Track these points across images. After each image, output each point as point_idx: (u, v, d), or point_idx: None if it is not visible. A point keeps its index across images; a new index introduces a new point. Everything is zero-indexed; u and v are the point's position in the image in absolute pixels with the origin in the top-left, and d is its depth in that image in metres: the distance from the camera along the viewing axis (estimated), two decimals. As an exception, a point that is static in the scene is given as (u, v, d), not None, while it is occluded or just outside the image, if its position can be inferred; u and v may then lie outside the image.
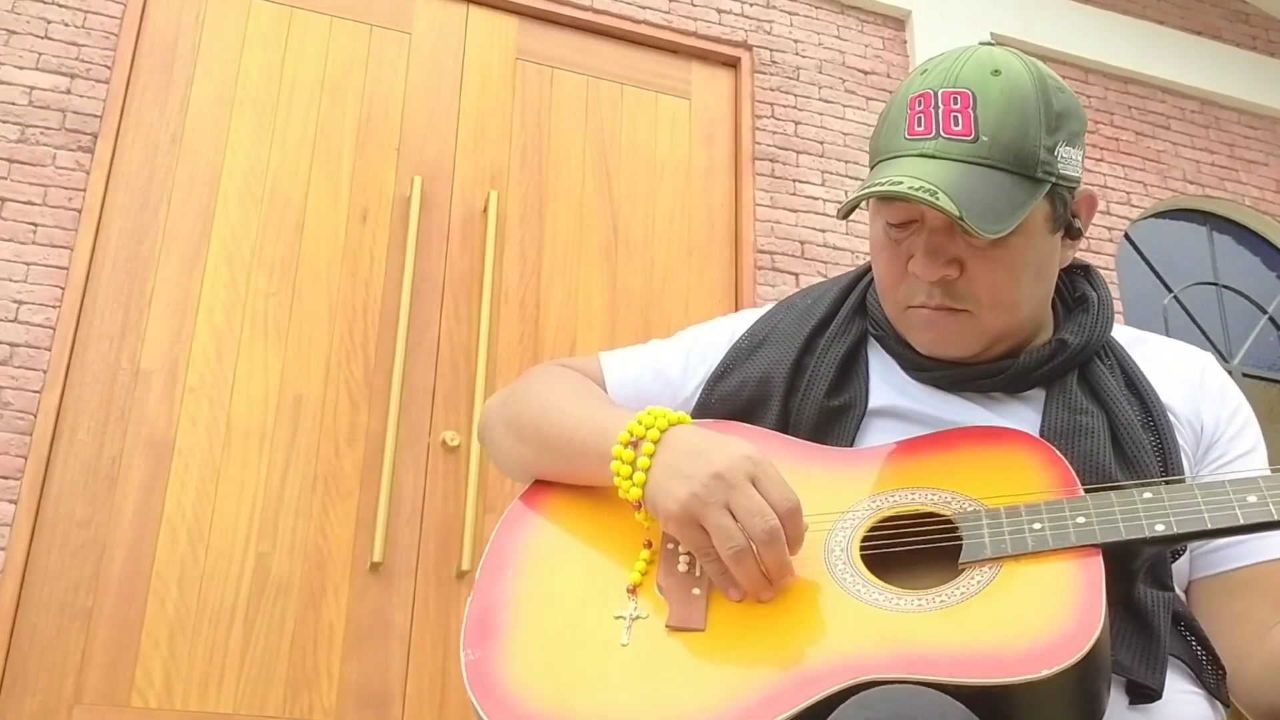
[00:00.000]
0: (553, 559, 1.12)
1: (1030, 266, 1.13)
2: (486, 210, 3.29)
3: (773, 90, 3.79)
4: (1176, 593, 1.12)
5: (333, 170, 3.22)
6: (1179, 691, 1.07)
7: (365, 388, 3.03)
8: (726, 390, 1.25)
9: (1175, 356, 1.25)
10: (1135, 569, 1.04)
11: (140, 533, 2.74)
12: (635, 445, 1.08)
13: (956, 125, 1.09)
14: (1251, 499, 0.96)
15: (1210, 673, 1.10)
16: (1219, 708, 1.10)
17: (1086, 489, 1.03)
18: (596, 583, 1.08)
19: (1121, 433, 1.13)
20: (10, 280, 2.82)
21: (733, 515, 1.01)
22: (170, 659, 2.67)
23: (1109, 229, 4.07)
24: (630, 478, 1.07)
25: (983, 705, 0.85)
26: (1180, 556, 1.14)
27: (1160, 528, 0.97)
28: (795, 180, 3.69)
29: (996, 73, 1.11)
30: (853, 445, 1.18)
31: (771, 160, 3.68)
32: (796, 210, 3.65)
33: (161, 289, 2.96)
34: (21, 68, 3.01)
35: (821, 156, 3.76)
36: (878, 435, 1.18)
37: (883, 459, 1.13)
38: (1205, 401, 1.20)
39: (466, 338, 3.17)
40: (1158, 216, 4.32)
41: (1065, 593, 0.94)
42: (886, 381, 1.22)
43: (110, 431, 2.80)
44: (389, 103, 3.34)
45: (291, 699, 2.72)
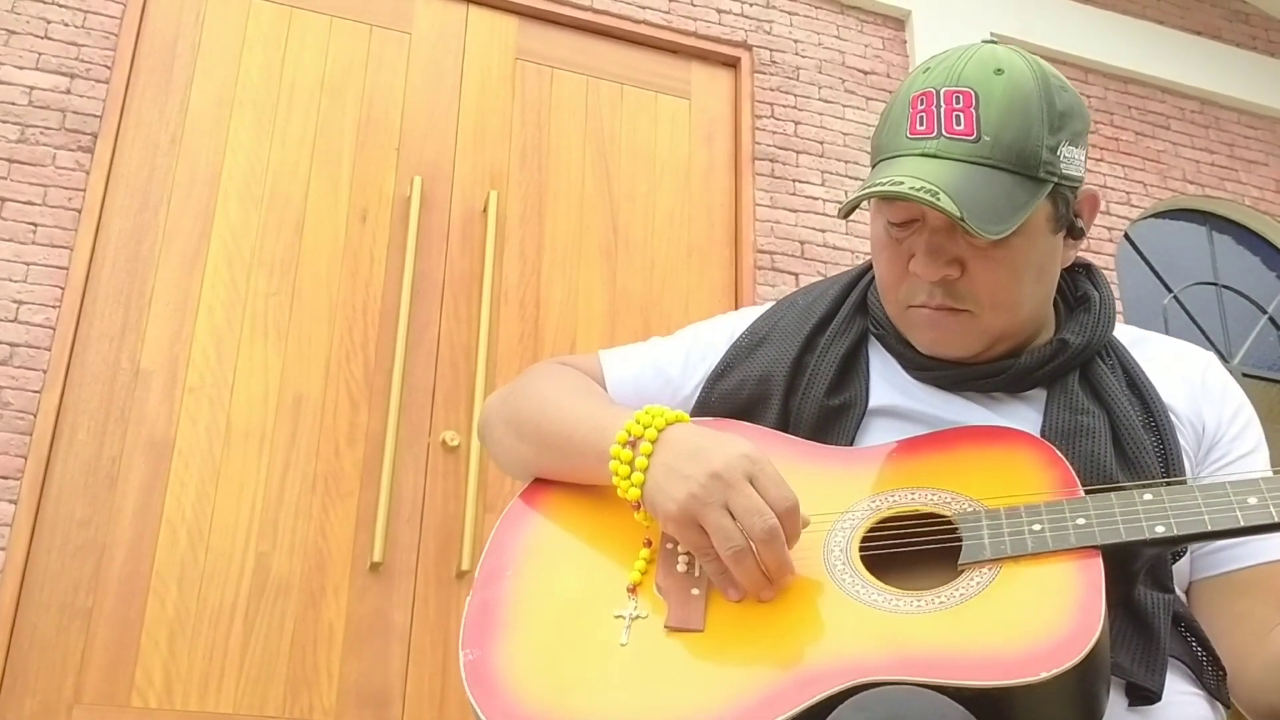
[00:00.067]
0: (552, 558, 1.12)
1: (1032, 267, 1.13)
2: (486, 210, 3.29)
3: (772, 90, 3.78)
4: (1177, 594, 1.11)
5: (333, 170, 3.22)
6: (1179, 693, 1.07)
7: (365, 388, 3.03)
8: (726, 389, 1.24)
9: (1177, 356, 1.24)
10: (1135, 570, 1.04)
11: (140, 533, 2.74)
12: (633, 445, 1.08)
13: (958, 125, 1.09)
14: (1252, 501, 0.96)
15: (1210, 674, 1.10)
16: (1219, 709, 1.10)
17: (1087, 490, 1.03)
18: (596, 582, 1.08)
19: (1123, 433, 1.12)
20: (10, 280, 2.81)
21: (731, 515, 1.00)
22: (170, 659, 2.67)
23: (1109, 229, 4.07)
24: (629, 477, 1.07)
25: (982, 707, 0.85)
26: (1181, 558, 1.14)
27: (1160, 529, 0.97)
28: (795, 180, 3.69)
29: (999, 72, 1.10)
30: (853, 444, 1.18)
31: (771, 160, 3.68)
32: (796, 210, 3.65)
33: (161, 289, 2.96)
34: (21, 68, 3.01)
35: (821, 156, 3.76)
36: (878, 434, 1.18)
37: (883, 458, 1.13)
38: (1207, 401, 1.20)
39: (466, 338, 3.17)
40: (1157, 216, 4.32)
41: (1065, 594, 0.94)
42: (887, 381, 1.22)
43: (110, 431, 2.80)
44: (389, 103, 3.34)
45: (291, 699, 2.72)
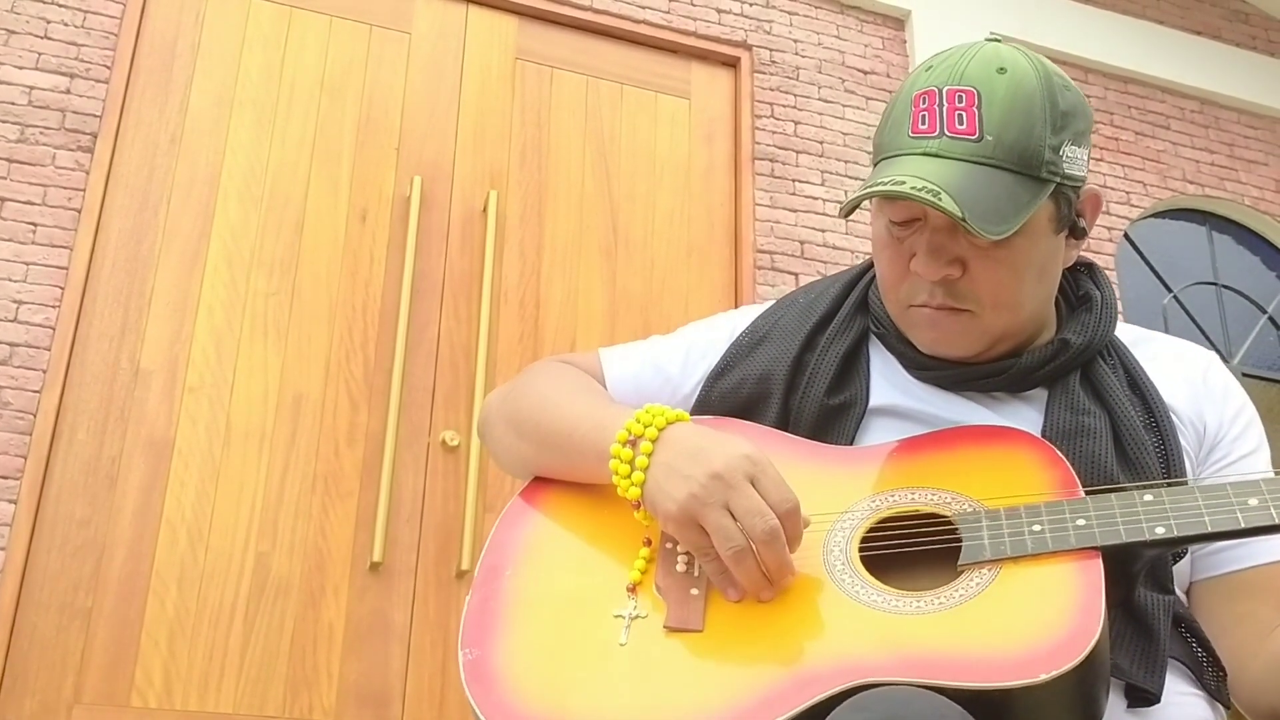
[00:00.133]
0: (552, 557, 1.12)
1: (1033, 267, 1.13)
2: (486, 210, 3.29)
3: (772, 90, 3.78)
4: (1177, 595, 1.11)
5: (332, 170, 3.22)
6: (1179, 693, 1.07)
7: (365, 387, 3.03)
8: (726, 387, 1.24)
9: (1178, 356, 1.24)
10: (1135, 571, 1.04)
11: (140, 533, 2.74)
12: (633, 444, 1.08)
13: (961, 124, 1.08)
14: (1253, 502, 0.96)
15: (1211, 674, 1.09)
16: (1219, 709, 1.10)
17: (1087, 490, 1.03)
18: (596, 581, 1.08)
19: (1124, 433, 1.12)
20: (10, 280, 2.81)
21: (732, 515, 1.00)
22: (170, 659, 2.67)
23: (1109, 229, 4.07)
24: (629, 477, 1.07)
25: (981, 708, 0.85)
26: (1181, 559, 1.13)
27: (1160, 530, 0.97)
28: (795, 180, 3.69)
29: (1002, 70, 1.10)
30: (853, 444, 1.17)
31: (771, 160, 3.68)
32: (796, 210, 3.65)
33: (161, 289, 2.96)
34: (21, 67, 3.01)
35: (821, 156, 3.76)
36: (878, 434, 1.18)
37: (883, 458, 1.13)
38: (1208, 401, 1.19)
39: (466, 337, 3.17)
40: (1157, 216, 4.32)
41: (1064, 596, 0.94)
42: (887, 380, 1.21)
43: (110, 431, 2.80)
44: (389, 102, 3.34)
45: (291, 699, 2.72)
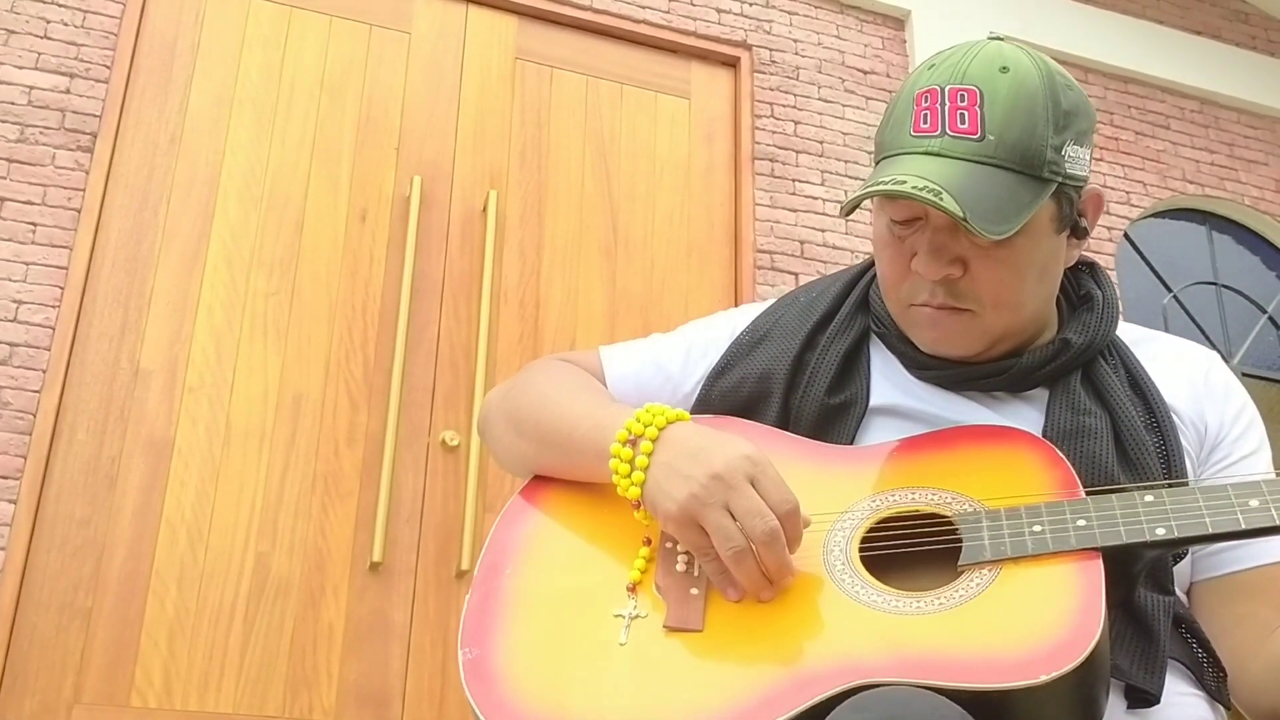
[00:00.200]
0: (552, 556, 1.12)
1: (1035, 266, 1.12)
2: (486, 210, 3.29)
3: (772, 90, 3.78)
4: (1177, 595, 1.11)
5: (332, 170, 3.22)
6: (1179, 694, 1.07)
7: (365, 387, 3.03)
8: (727, 386, 1.24)
9: (1179, 355, 1.24)
10: (1136, 572, 1.03)
11: (140, 532, 2.74)
12: (634, 444, 1.07)
13: (963, 123, 1.08)
14: (1254, 503, 0.96)
15: (1211, 675, 1.09)
16: (1220, 710, 1.10)
17: (1088, 491, 1.03)
18: (596, 580, 1.08)
19: (1125, 434, 1.12)
20: (10, 280, 2.81)
21: (732, 516, 1.00)
22: (170, 659, 2.66)
23: (1108, 229, 4.07)
24: (629, 476, 1.07)
25: (980, 709, 0.85)
26: (1182, 560, 1.13)
27: (1161, 531, 0.97)
28: (795, 180, 3.69)
29: (1005, 70, 1.09)
30: (853, 443, 1.17)
31: (771, 160, 3.68)
32: (796, 210, 3.65)
33: (161, 289, 2.95)
34: (21, 67, 3.01)
35: (821, 156, 3.76)
36: (879, 433, 1.18)
37: (883, 458, 1.13)
38: (1210, 401, 1.19)
39: (466, 337, 3.17)
40: (1157, 216, 4.32)
41: (1065, 597, 0.93)
42: (888, 379, 1.21)
43: (110, 431, 2.80)
44: (388, 102, 3.34)
45: (291, 699, 2.72)
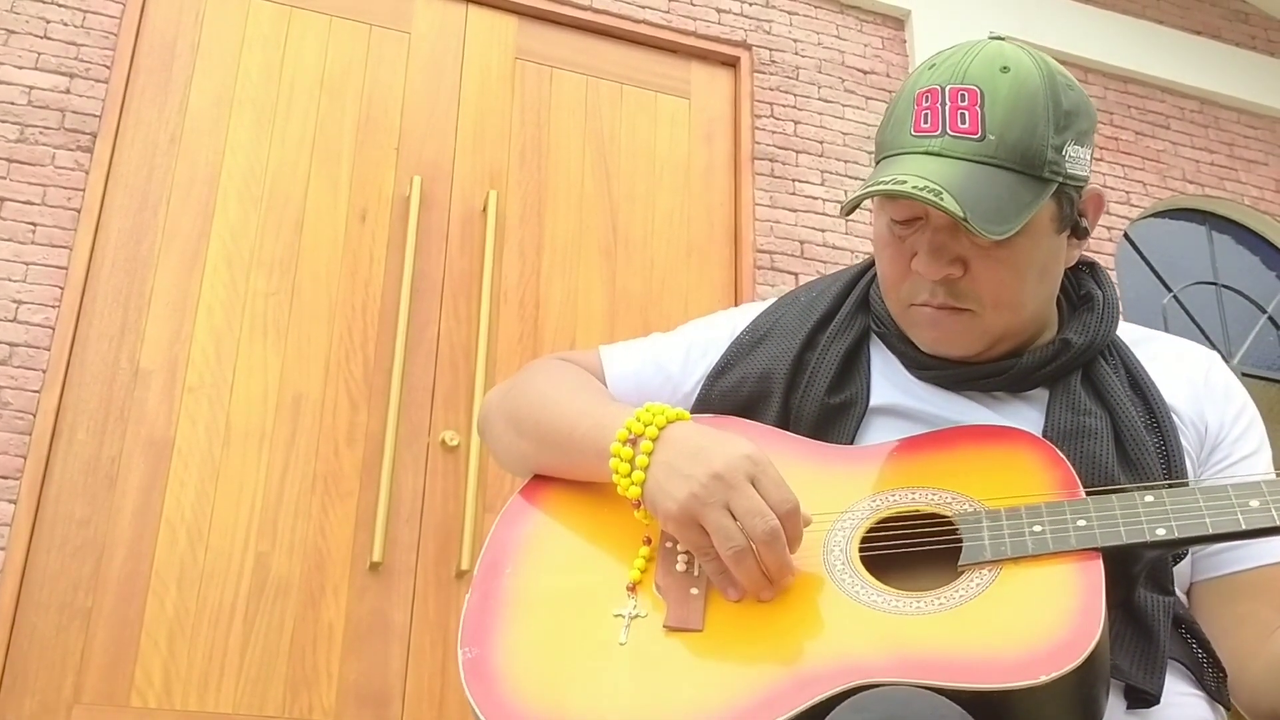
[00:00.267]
0: (552, 555, 1.12)
1: (1035, 267, 1.12)
2: (486, 210, 3.29)
3: (772, 90, 3.78)
4: (1178, 596, 1.11)
5: (332, 170, 3.22)
6: (1179, 694, 1.07)
7: (365, 387, 3.03)
8: (727, 386, 1.24)
9: (1179, 355, 1.24)
10: (1136, 573, 1.03)
11: (140, 532, 2.74)
12: (634, 443, 1.07)
13: (963, 123, 1.08)
14: (1254, 504, 0.96)
15: (1210, 675, 1.09)
16: (1220, 710, 1.10)
17: (1088, 491, 1.03)
18: (596, 580, 1.08)
19: (1125, 434, 1.12)
20: (9, 280, 2.81)
21: (732, 515, 1.00)
22: (170, 659, 2.66)
23: (1108, 228, 4.07)
24: (629, 476, 1.07)
25: (980, 709, 0.85)
26: (1182, 560, 1.13)
27: (1161, 532, 0.97)
28: (795, 180, 3.69)
29: (1005, 69, 1.09)
30: (853, 443, 1.17)
31: (771, 160, 3.68)
32: (796, 210, 3.65)
33: (161, 289, 2.95)
34: (21, 67, 3.01)
35: (821, 156, 3.76)
36: (879, 433, 1.18)
37: (883, 458, 1.13)
38: (1210, 402, 1.19)
39: (466, 337, 3.17)
40: (1157, 216, 4.32)
41: (1065, 597, 0.93)
42: (888, 379, 1.21)
43: (110, 431, 2.80)
44: (388, 102, 3.34)
45: (291, 699, 2.72)
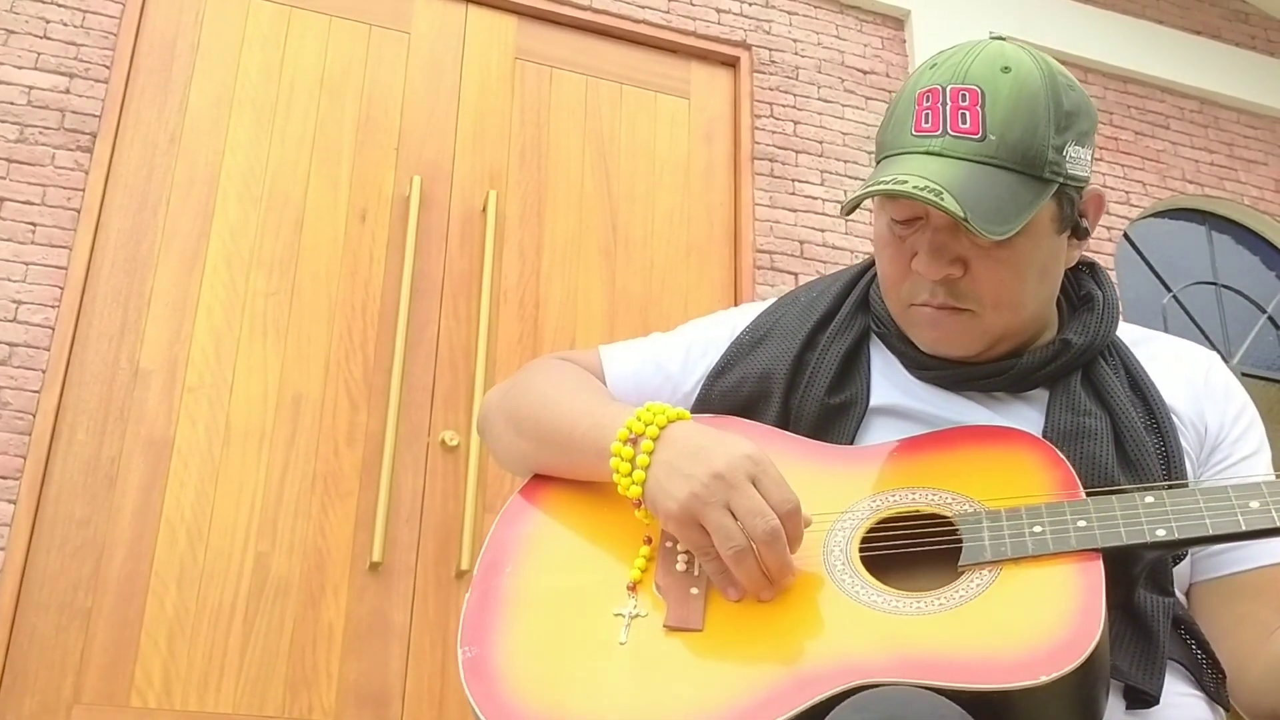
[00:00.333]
0: (552, 555, 1.12)
1: (1035, 267, 1.12)
2: (486, 210, 3.29)
3: (772, 90, 3.78)
4: (1177, 597, 1.11)
5: (332, 170, 3.22)
6: (1178, 694, 1.07)
7: (364, 387, 3.03)
8: (727, 386, 1.24)
9: (1179, 356, 1.24)
10: (1136, 574, 1.03)
11: (139, 532, 2.74)
12: (634, 442, 1.07)
13: (964, 123, 1.08)
14: (1254, 505, 0.96)
15: (1210, 676, 1.09)
16: (1219, 711, 1.10)
17: (1088, 492, 1.03)
18: (596, 579, 1.08)
19: (1125, 435, 1.12)
20: (9, 280, 2.81)
21: (733, 515, 1.00)
22: (169, 659, 2.66)
23: (1108, 228, 4.08)
24: (629, 475, 1.07)
25: (981, 709, 0.85)
26: (1181, 561, 1.13)
27: (1161, 533, 0.97)
28: (794, 180, 3.69)
29: (1006, 69, 1.09)
30: (853, 443, 1.17)
31: (771, 160, 3.68)
32: (796, 210, 3.65)
33: (160, 289, 2.95)
34: (20, 67, 3.00)
35: (821, 156, 3.76)
36: (879, 433, 1.18)
37: (883, 458, 1.13)
38: (1210, 402, 1.19)
39: (466, 337, 3.17)
40: (1157, 216, 4.32)
41: (1065, 597, 0.93)
42: (888, 379, 1.21)
43: (109, 431, 2.80)
44: (388, 102, 3.34)
45: (291, 699, 2.72)
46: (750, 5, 3.87)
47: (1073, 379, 1.16)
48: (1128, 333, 1.25)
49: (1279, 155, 4.50)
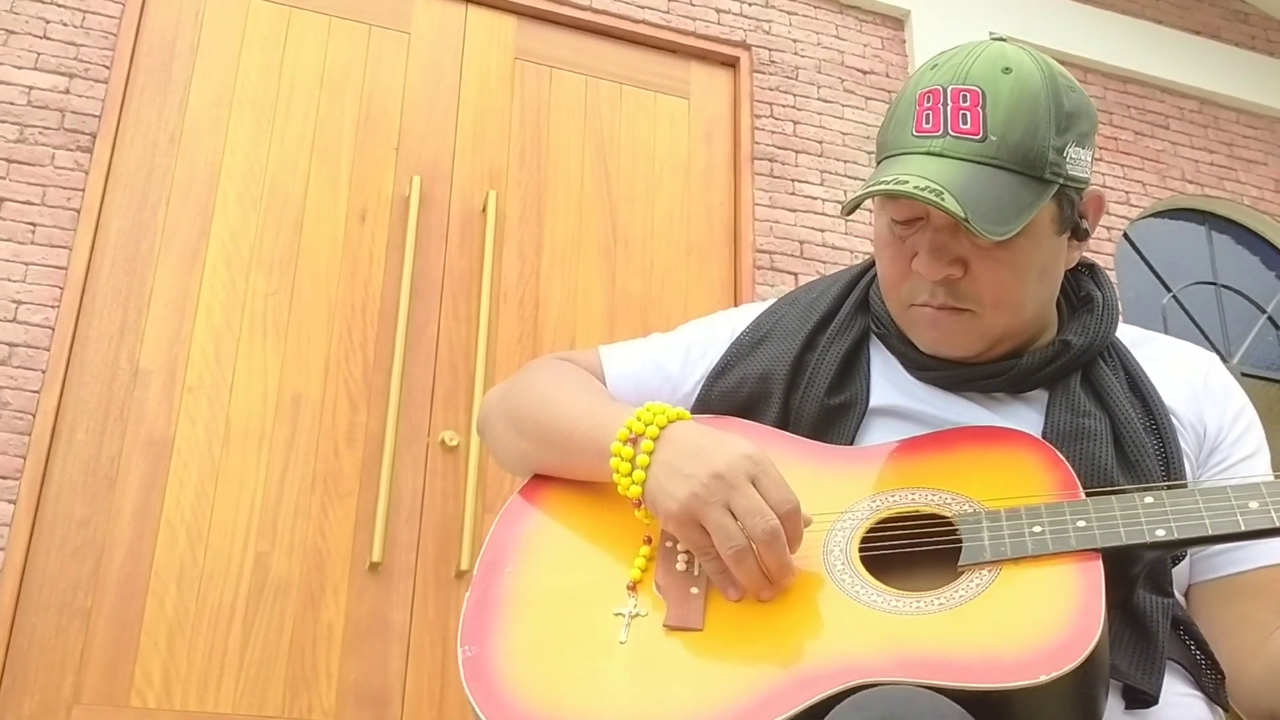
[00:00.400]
0: (552, 554, 1.12)
1: (1035, 268, 1.12)
2: (485, 210, 3.29)
3: (771, 90, 3.78)
4: (1176, 598, 1.11)
5: (332, 170, 3.22)
6: (1177, 694, 1.07)
7: (364, 387, 3.03)
8: (726, 386, 1.24)
9: (1178, 357, 1.24)
10: (1135, 574, 1.04)
11: (139, 532, 2.74)
12: (634, 442, 1.08)
13: (965, 124, 1.08)
14: (1253, 505, 0.96)
15: (1209, 677, 1.10)
16: (1218, 711, 1.10)
17: (1087, 492, 1.03)
18: (596, 579, 1.08)
19: (1124, 436, 1.12)
20: (9, 280, 2.81)
21: (733, 515, 1.00)
22: (169, 659, 2.66)
23: (1108, 228, 4.08)
24: (630, 475, 1.07)
25: (980, 709, 0.85)
26: (1180, 562, 1.13)
27: (1161, 533, 0.97)
28: (794, 180, 3.69)
29: (1007, 70, 1.09)
30: (853, 444, 1.17)
31: (770, 160, 3.68)
32: (795, 210, 3.65)
33: (160, 289, 2.95)
34: (20, 67, 3.01)
35: (820, 156, 3.76)
36: (878, 434, 1.18)
37: (883, 458, 1.13)
38: (1209, 403, 1.19)
39: (465, 337, 3.17)
40: (1157, 216, 4.32)
41: (1064, 597, 0.94)
42: (888, 380, 1.21)
43: (109, 431, 2.80)
44: (388, 102, 3.34)
45: (290, 699, 2.72)
46: (750, 5, 3.87)
47: (1072, 380, 1.16)
48: (1127, 334, 1.25)
49: (1279, 155, 4.51)
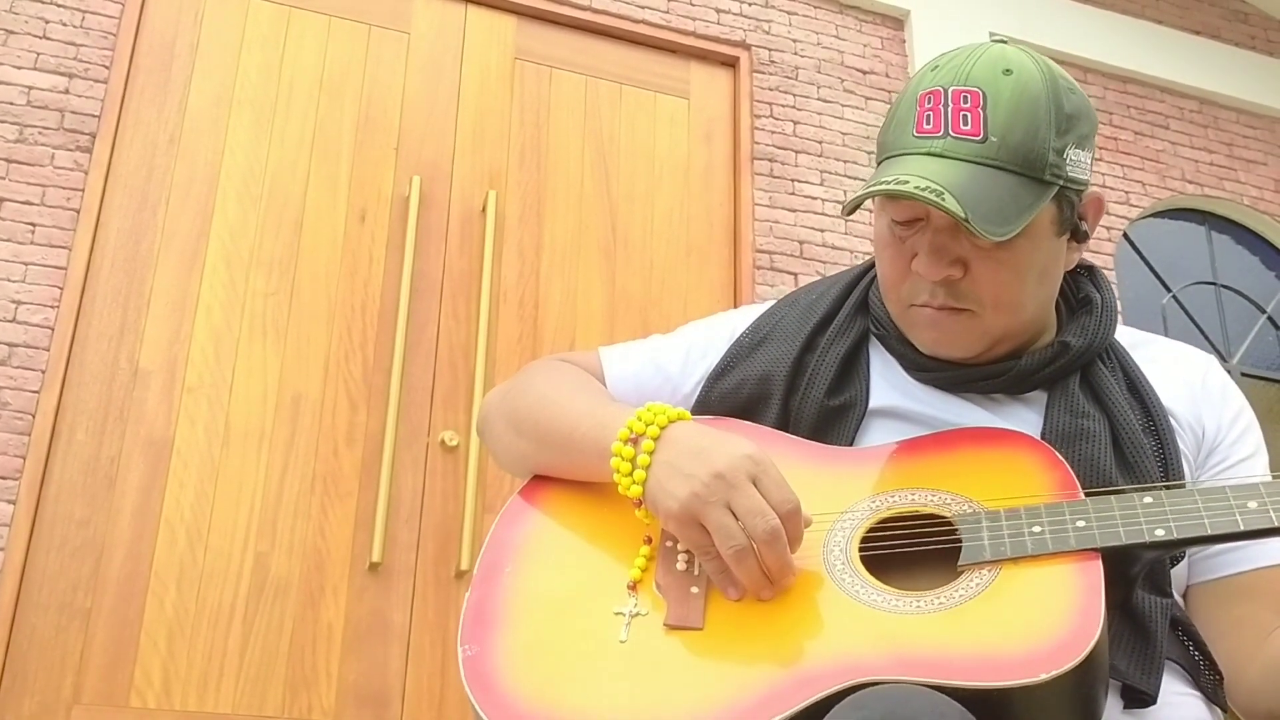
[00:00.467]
0: (552, 554, 1.12)
1: (1035, 269, 1.13)
2: (485, 210, 3.29)
3: (771, 90, 3.78)
4: (1175, 598, 1.12)
5: (331, 170, 3.22)
6: (1176, 694, 1.07)
7: (364, 387, 3.03)
8: (726, 388, 1.24)
9: (1177, 359, 1.24)
10: (1134, 574, 1.04)
11: (139, 533, 2.74)
12: (635, 442, 1.08)
13: (965, 125, 1.08)
14: (1252, 505, 0.96)
15: (1207, 677, 1.10)
16: (1216, 711, 1.10)
17: (1087, 492, 1.03)
18: (596, 578, 1.08)
19: (1123, 437, 1.12)
20: (9, 280, 2.81)
21: (733, 515, 1.00)
22: (169, 659, 2.67)
23: (1108, 228, 4.08)
24: (630, 475, 1.07)
25: (980, 708, 0.85)
26: (1179, 562, 1.13)
27: (1160, 533, 0.97)
28: (794, 180, 3.69)
29: (1008, 72, 1.10)
30: (853, 445, 1.18)
31: (770, 160, 3.68)
32: (795, 210, 3.65)
33: (160, 289, 2.96)
34: (20, 67, 3.01)
35: (820, 156, 3.76)
36: (878, 435, 1.18)
37: (883, 459, 1.13)
38: (1207, 404, 1.20)
39: (465, 337, 3.17)
40: (1156, 216, 4.32)
41: (1064, 597, 0.94)
42: (888, 381, 1.22)
43: (109, 431, 2.80)
44: (387, 102, 3.34)
45: (290, 699, 2.72)
46: (750, 5, 3.87)
47: (1071, 381, 1.17)
48: (1126, 335, 1.25)
49: (1278, 155, 4.51)
